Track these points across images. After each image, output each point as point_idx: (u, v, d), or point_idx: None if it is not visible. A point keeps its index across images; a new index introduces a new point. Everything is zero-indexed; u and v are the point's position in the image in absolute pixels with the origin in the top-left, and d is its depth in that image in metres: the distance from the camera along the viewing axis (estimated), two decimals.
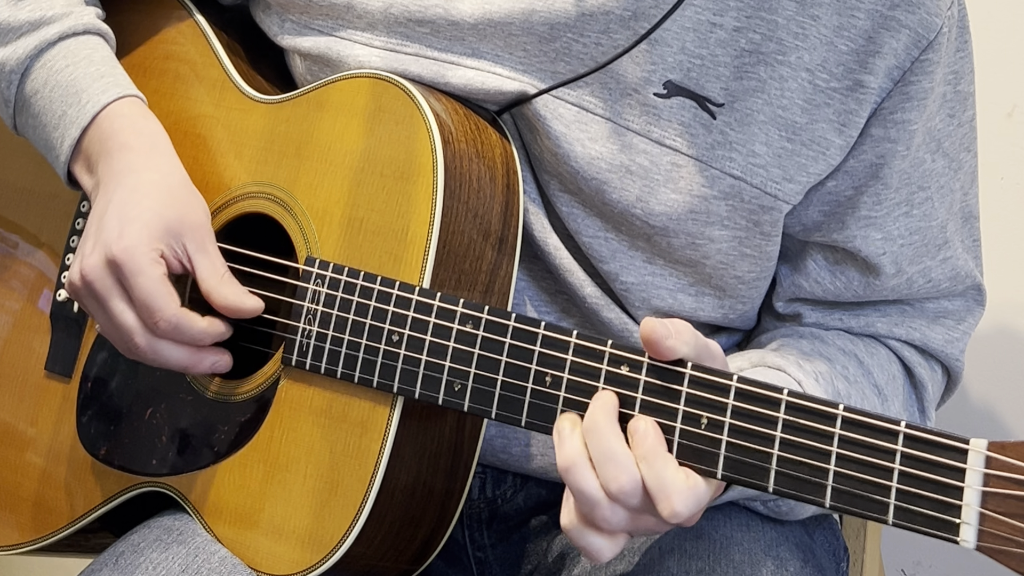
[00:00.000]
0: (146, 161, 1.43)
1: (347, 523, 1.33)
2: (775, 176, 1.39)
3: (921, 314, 1.49)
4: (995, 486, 1.05)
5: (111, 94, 1.45)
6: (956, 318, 1.50)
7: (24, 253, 1.61)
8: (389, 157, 1.38)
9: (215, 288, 1.39)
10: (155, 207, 1.39)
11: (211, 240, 1.41)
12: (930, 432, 1.09)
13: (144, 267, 1.36)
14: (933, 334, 1.49)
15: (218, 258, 1.41)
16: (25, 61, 1.48)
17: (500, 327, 1.28)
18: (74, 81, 1.45)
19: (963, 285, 1.49)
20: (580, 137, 1.40)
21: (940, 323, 1.49)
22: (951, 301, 1.50)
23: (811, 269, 1.46)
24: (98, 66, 1.47)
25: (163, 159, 1.44)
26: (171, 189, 1.42)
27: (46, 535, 1.52)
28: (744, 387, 1.16)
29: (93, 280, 1.38)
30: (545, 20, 1.40)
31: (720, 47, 1.37)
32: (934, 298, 1.49)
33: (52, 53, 1.48)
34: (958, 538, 1.07)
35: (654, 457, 1.16)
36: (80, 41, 1.49)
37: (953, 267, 1.47)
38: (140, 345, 1.38)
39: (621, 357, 1.22)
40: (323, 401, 1.37)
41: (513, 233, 1.41)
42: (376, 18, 1.45)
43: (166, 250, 1.38)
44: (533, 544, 1.55)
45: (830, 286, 1.45)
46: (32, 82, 1.48)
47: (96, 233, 1.39)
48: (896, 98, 1.37)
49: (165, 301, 1.36)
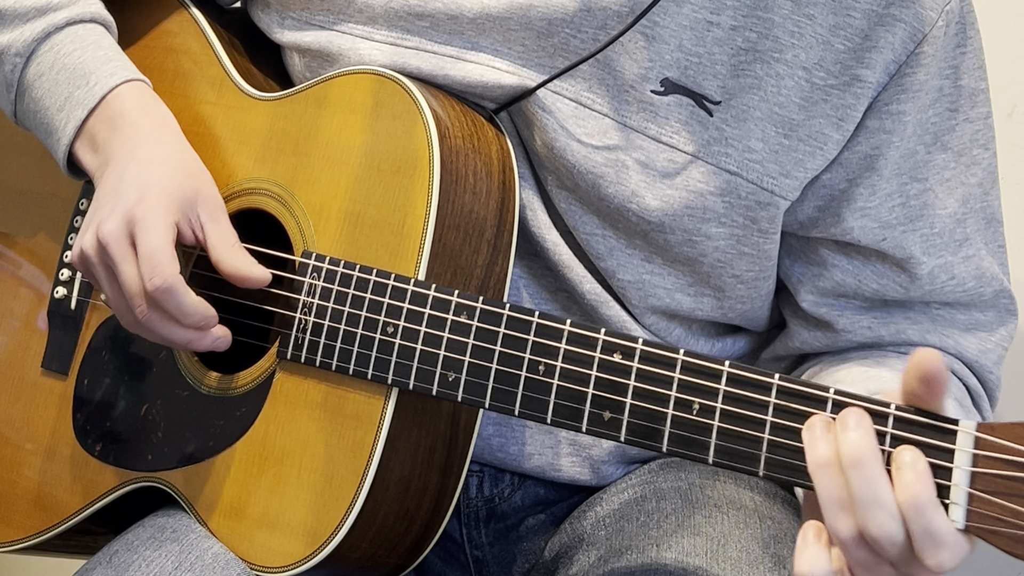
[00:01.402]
0: (159, 136, 1.44)
1: (340, 515, 1.33)
2: (772, 172, 1.39)
3: (952, 324, 1.47)
4: (984, 466, 1.05)
5: (120, 76, 1.46)
6: (988, 329, 1.48)
7: (22, 252, 1.61)
8: (386, 152, 1.39)
9: (225, 256, 1.39)
10: (173, 175, 1.40)
11: (223, 212, 1.42)
12: (920, 413, 1.09)
13: (158, 226, 1.35)
14: (967, 343, 1.47)
15: (229, 228, 1.41)
16: (32, 44, 1.48)
17: (494, 316, 1.28)
18: (82, 64, 1.46)
19: (991, 288, 1.47)
20: (577, 132, 1.40)
21: (973, 334, 1.48)
22: (983, 313, 1.48)
23: (826, 256, 1.45)
24: (106, 51, 1.48)
25: (174, 137, 1.45)
26: (185, 163, 1.43)
27: (41, 531, 1.52)
28: (735, 372, 1.17)
29: (109, 243, 1.37)
30: (543, 15, 1.41)
31: (717, 45, 1.38)
32: (964, 305, 1.47)
33: (59, 37, 1.48)
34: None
35: (926, 505, 1.06)
36: (87, 28, 1.50)
37: (977, 266, 1.46)
38: (145, 312, 1.36)
39: (614, 344, 1.22)
40: (318, 394, 1.37)
41: (509, 229, 1.42)
42: (377, 12, 1.46)
43: (181, 219, 1.38)
44: (530, 543, 1.54)
45: (851, 272, 1.44)
46: (38, 65, 1.48)
47: (113, 200, 1.38)
48: (891, 90, 1.37)
49: (167, 260, 1.35)
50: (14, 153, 1.64)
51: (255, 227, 1.47)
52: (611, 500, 1.49)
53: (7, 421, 1.56)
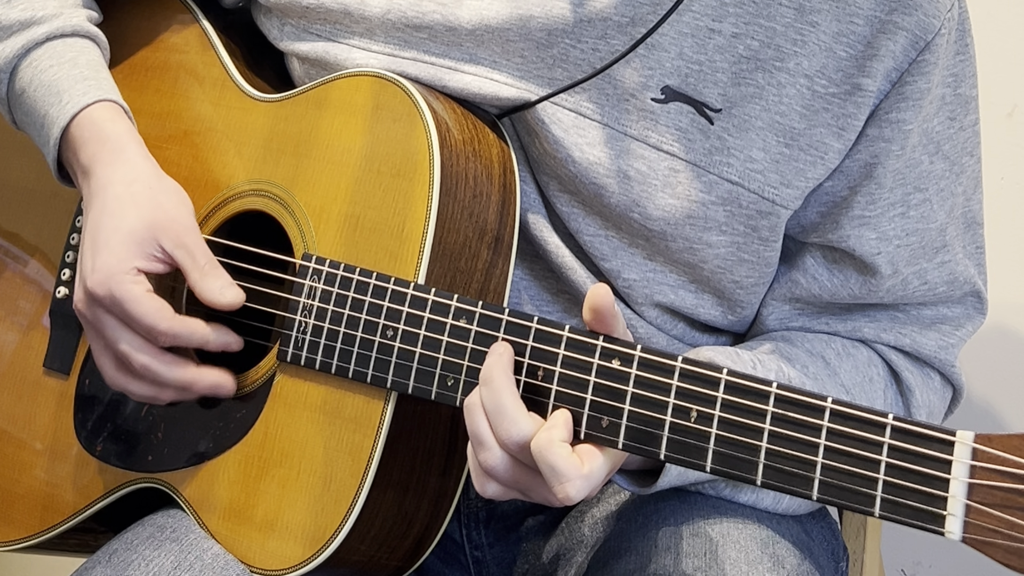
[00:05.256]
0: (111, 173, 1.43)
1: (340, 518, 1.33)
2: (773, 181, 1.39)
3: (915, 320, 1.48)
4: (981, 478, 1.05)
5: (88, 97, 1.45)
6: (954, 324, 1.49)
7: (25, 251, 1.62)
8: (387, 155, 1.39)
9: (197, 282, 1.40)
10: (118, 225, 1.39)
11: (188, 232, 1.41)
12: (917, 424, 1.09)
13: (124, 293, 1.37)
14: (925, 340, 1.48)
15: (198, 249, 1.40)
16: (13, 60, 1.48)
17: (493, 321, 1.28)
18: (56, 82, 1.46)
19: (961, 291, 1.48)
20: (578, 142, 1.40)
21: (935, 329, 1.49)
22: (950, 308, 1.49)
23: (809, 266, 1.45)
24: (82, 69, 1.48)
25: (127, 166, 1.44)
26: (134, 197, 1.41)
27: (42, 531, 1.52)
28: (733, 380, 1.17)
29: (83, 313, 1.41)
30: (543, 26, 1.40)
31: (718, 53, 1.37)
32: (931, 303, 1.48)
33: (38, 53, 1.48)
34: (944, 530, 1.07)
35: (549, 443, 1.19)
36: (67, 43, 1.50)
37: (951, 271, 1.46)
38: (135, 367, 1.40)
39: (612, 351, 1.22)
40: (318, 397, 1.37)
41: (509, 232, 1.42)
42: (374, 23, 1.46)
43: (141, 262, 1.39)
44: (530, 544, 1.55)
45: (827, 283, 1.45)
46: (19, 81, 1.48)
47: (79, 266, 1.42)
48: (892, 98, 1.37)
49: (160, 315, 1.37)
50: (16, 153, 1.65)
51: (256, 229, 1.47)
52: (609, 502, 1.50)
53: (8, 420, 1.57)
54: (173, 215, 1.41)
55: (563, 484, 1.18)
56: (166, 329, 1.37)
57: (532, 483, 1.22)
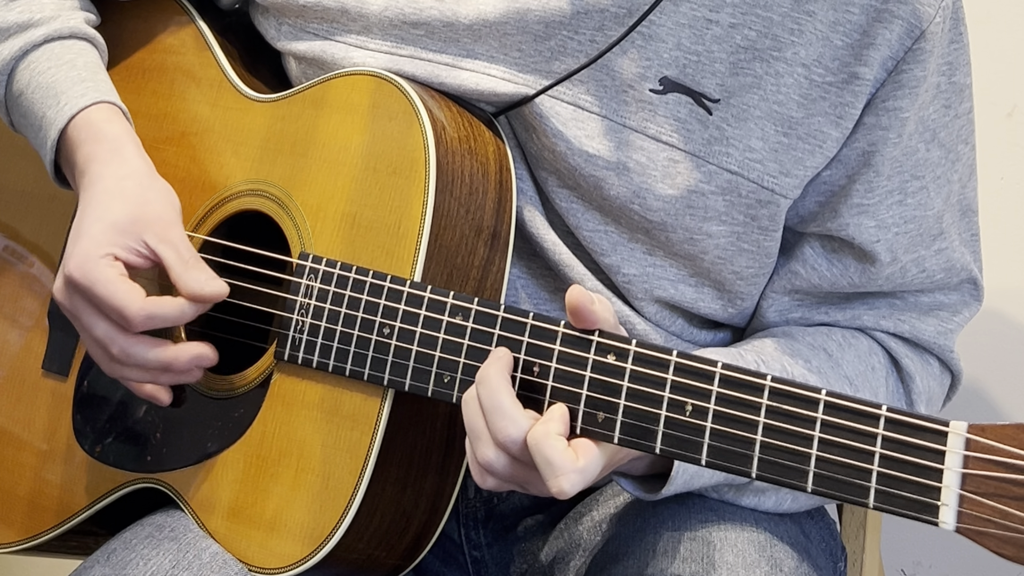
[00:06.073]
0: (104, 169, 1.43)
1: (337, 516, 1.33)
2: (772, 171, 1.39)
3: (913, 307, 1.49)
4: (975, 468, 1.05)
5: (87, 99, 1.46)
6: (951, 310, 1.50)
7: (23, 253, 1.62)
8: (383, 153, 1.39)
9: (180, 276, 1.39)
10: (102, 216, 1.40)
11: (173, 228, 1.41)
12: (910, 415, 1.09)
13: (96, 275, 1.37)
14: (924, 326, 1.48)
15: (182, 244, 1.40)
16: (11, 62, 1.49)
17: (489, 318, 1.28)
18: (54, 83, 1.46)
19: (958, 278, 1.49)
20: (577, 135, 1.40)
21: (934, 315, 1.49)
22: (946, 295, 1.49)
23: (808, 256, 1.45)
24: (80, 70, 1.48)
25: (121, 164, 1.44)
26: (123, 192, 1.41)
27: (41, 532, 1.52)
28: (728, 373, 1.17)
29: (62, 301, 1.41)
30: (540, 19, 1.41)
31: (716, 43, 1.38)
32: (929, 290, 1.49)
33: (36, 55, 1.49)
34: (938, 520, 1.07)
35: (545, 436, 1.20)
36: (65, 45, 1.50)
37: (948, 258, 1.47)
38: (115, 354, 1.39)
39: (608, 346, 1.22)
40: (315, 395, 1.37)
41: (506, 230, 1.42)
42: (371, 21, 1.46)
43: (119, 251, 1.38)
44: (528, 544, 1.54)
45: (827, 273, 1.45)
46: (17, 83, 1.49)
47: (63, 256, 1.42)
48: (888, 87, 1.37)
49: (129, 297, 1.36)
50: (15, 156, 1.65)
51: (253, 229, 1.47)
52: (607, 504, 1.50)
53: (8, 422, 1.57)
54: (159, 212, 1.41)
55: (557, 477, 1.18)
56: (137, 311, 1.36)
57: (529, 477, 1.23)
